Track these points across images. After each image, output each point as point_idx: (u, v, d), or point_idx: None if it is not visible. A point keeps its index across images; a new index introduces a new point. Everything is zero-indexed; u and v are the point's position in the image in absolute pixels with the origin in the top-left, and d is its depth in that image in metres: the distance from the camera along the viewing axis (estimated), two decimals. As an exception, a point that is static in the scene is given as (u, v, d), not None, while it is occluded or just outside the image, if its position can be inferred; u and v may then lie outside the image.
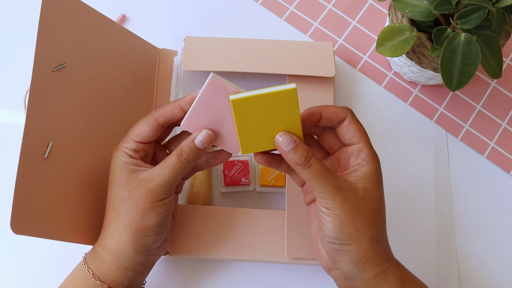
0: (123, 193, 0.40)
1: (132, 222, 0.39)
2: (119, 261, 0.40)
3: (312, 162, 0.37)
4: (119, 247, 0.40)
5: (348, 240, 0.38)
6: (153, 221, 0.40)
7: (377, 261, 0.38)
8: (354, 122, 0.40)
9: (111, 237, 0.40)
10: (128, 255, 0.40)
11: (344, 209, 0.37)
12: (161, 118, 0.41)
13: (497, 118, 0.56)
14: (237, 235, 0.48)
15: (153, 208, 0.40)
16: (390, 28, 0.46)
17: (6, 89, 0.56)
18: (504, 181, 0.54)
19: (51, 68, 0.40)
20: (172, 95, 0.54)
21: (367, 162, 0.39)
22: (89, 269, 0.40)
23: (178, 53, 0.55)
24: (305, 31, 0.59)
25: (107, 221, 0.41)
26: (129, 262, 0.40)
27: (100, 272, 0.40)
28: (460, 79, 0.43)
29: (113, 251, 0.40)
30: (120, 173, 0.40)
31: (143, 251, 0.41)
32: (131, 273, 0.41)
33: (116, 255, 0.40)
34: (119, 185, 0.40)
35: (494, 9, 0.43)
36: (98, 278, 0.40)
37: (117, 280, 0.40)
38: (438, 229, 0.52)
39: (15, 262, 0.50)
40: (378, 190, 0.39)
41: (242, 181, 0.50)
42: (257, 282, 0.50)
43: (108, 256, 0.40)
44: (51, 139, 0.39)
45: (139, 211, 0.39)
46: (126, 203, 0.40)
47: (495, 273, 0.51)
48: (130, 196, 0.40)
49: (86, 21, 0.44)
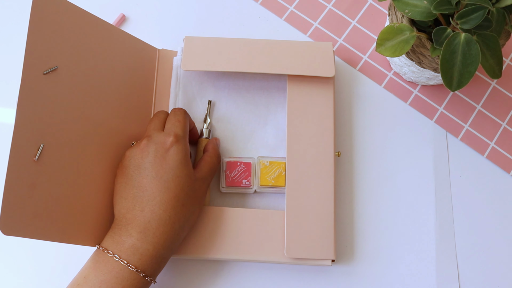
0: (192, 192, 0.44)
1: (192, 220, 0.44)
2: (169, 254, 0.43)
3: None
4: (175, 242, 0.43)
5: None
6: (195, 220, 0.46)
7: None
8: None
9: (176, 234, 0.43)
10: (174, 248, 0.44)
11: None
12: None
13: (497, 118, 0.56)
14: (237, 235, 0.48)
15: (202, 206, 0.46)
16: (390, 28, 0.46)
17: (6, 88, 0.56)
18: (504, 181, 0.54)
19: (42, 71, 0.39)
20: (171, 95, 0.54)
21: None
22: (133, 267, 0.41)
23: (178, 53, 0.55)
24: (305, 31, 0.59)
25: (173, 217, 0.42)
26: (170, 254, 0.44)
27: (141, 264, 0.41)
28: (460, 79, 0.43)
29: (168, 246, 0.42)
30: (188, 168, 0.44)
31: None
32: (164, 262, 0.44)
33: (169, 248, 0.43)
34: (189, 183, 0.43)
35: (494, 9, 0.43)
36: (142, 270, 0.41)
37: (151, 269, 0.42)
38: (438, 229, 0.52)
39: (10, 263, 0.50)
40: None
41: (243, 183, 0.50)
42: (257, 282, 0.50)
43: (164, 251, 0.42)
44: (42, 141, 0.39)
45: (200, 210, 0.45)
46: (195, 202, 0.44)
47: (495, 273, 0.51)
48: (196, 196, 0.44)
49: (78, 23, 0.44)
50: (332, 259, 0.48)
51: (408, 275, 0.50)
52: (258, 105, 0.54)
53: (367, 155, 0.54)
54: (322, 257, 0.47)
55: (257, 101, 0.54)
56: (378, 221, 0.52)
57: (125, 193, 0.43)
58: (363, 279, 0.50)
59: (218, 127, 0.54)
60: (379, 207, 0.53)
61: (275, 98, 0.55)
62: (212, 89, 0.55)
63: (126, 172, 0.44)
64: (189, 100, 0.54)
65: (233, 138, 0.53)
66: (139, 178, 0.43)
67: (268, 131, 0.54)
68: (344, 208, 0.52)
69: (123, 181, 0.44)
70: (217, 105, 0.54)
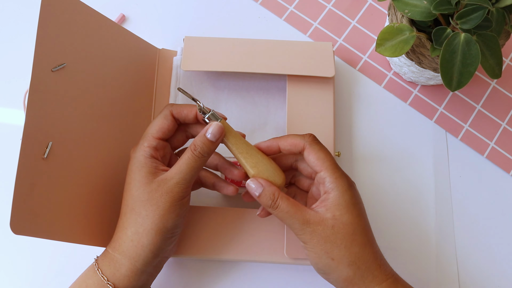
0: (143, 195, 0.40)
1: (153, 224, 0.39)
2: (136, 266, 0.40)
3: (279, 202, 0.39)
4: (137, 251, 0.39)
5: (328, 270, 0.39)
6: (172, 223, 0.40)
7: (364, 285, 0.38)
8: (312, 151, 0.40)
9: (130, 240, 0.40)
10: (146, 259, 0.40)
11: (315, 241, 0.38)
12: (177, 114, 0.42)
13: (497, 118, 0.56)
14: (237, 235, 0.48)
15: (173, 209, 0.40)
16: (389, 28, 0.46)
17: (6, 88, 0.56)
18: (504, 181, 0.54)
19: (51, 68, 0.40)
20: (171, 95, 0.54)
21: (332, 189, 0.39)
22: (103, 275, 0.39)
23: (178, 53, 0.55)
24: (304, 31, 0.59)
25: (125, 223, 0.40)
26: (146, 266, 0.40)
27: (116, 277, 0.39)
28: (460, 79, 0.43)
29: (130, 255, 0.39)
30: (139, 174, 0.40)
31: (159, 254, 0.40)
32: (146, 277, 0.41)
33: (134, 259, 0.39)
34: (138, 187, 0.40)
35: (494, 9, 0.43)
36: (113, 284, 0.39)
37: (132, 285, 0.40)
38: (438, 229, 0.52)
39: (16, 263, 0.50)
40: (349, 214, 0.39)
41: (243, 183, 0.50)
42: (257, 282, 0.50)
43: (125, 260, 0.39)
44: (51, 139, 0.39)
45: (160, 212, 0.39)
46: (147, 205, 0.39)
47: (495, 273, 0.51)
48: (151, 197, 0.39)
49: (85, 21, 0.44)
50: (332, 259, 0.48)
51: (408, 275, 0.50)
52: (258, 105, 0.54)
53: (367, 155, 0.54)
54: (322, 257, 0.47)
55: (257, 101, 0.54)
56: (378, 221, 0.52)
57: None
58: (363, 279, 0.50)
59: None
60: (379, 207, 0.53)
61: (275, 98, 0.55)
62: (212, 89, 0.55)
63: None
64: (189, 100, 0.54)
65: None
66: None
67: (268, 131, 0.54)
68: (344, 208, 0.52)
69: None
70: (217, 105, 0.54)
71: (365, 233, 0.40)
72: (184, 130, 0.45)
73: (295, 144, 0.41)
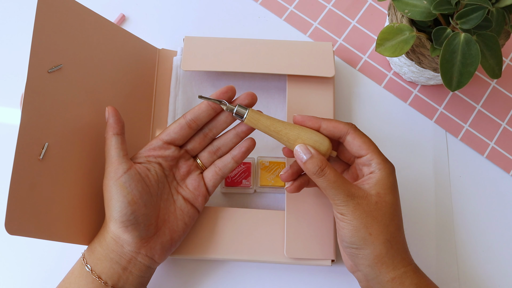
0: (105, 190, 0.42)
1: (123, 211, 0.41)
2: (106, 251, 0.41)
3: (327, 171, 0.40)
4: (103, 237, 0.42)
5: (362, 244, 0.39)
6: (117, 208, 0.40)
7: (393, 265, 0.39)
8: (358, 136, 0.42)
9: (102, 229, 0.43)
10: (109, 245, 0.41)
11: (357, 214, 0.39)
12: (190, 115, 0.44)
13: (497, 118, 0.56)
14: (237, 235, 0.48)
15: (115, 191, 0.40)
16: (389, 28, 0.46)
17: (3, 87, 0.56)
18: (504, 181, 0.54)
19: (47, 69, 0.40)
20: (171, 95, 0.54)
21: (379, 169, 0.40)
22: (87, 264, 0.41)
23: (178, 53, 0.55)
24: (304, 31, 0.59)
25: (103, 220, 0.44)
26: (113, 254, 0.41)
27: (95, 265, 0.41)
28: (459, 79, 0.43)
29: (99, 241, 0.42)
30: (108, 167, 0.42)
31: (122, 244, 0.41)
32: (118, 268, 0.41)
33: (103, 245, 0.42)
34: (104, 183, 0.42)
35: (494, 9, 0.43)
36: (97, 274, 0.41)
37: (106, 272, 0.41)
38: (438, 229, 0.52)
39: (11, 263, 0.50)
40: (392, 195, 0.40)
41: (243, 183, 0.50)
42: (257, 282, 0.50)
43: (98, 246, 0.42)
44: (47, 140, 0.39)
45: (107, 201, 0.41)
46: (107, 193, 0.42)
47: (495, 273, 0.51)
48: (107, 187, 0.41)
49: (82, 22, 0.44)
50: (332, 259, 0.48)
51: (408, 275, 0.50)
52: (258, 105, 0.54)
53: (367, 155, 0.54)
54: (322, 257, 0.47)
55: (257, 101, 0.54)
56: (378, 221, 0.52)
57: None
58: (363, 279, 0.50)
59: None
60: (379, 207, 0.53)
61: (275, 98, 0.55)
62: (212, 89, 0.55)
63: None
64: (189, 100, 0.54)
65: (233, 138, 0.53)
66: None
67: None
68: (344, 208, 0.52)
69: None
70: (217, 105, 0.54)
71: (401, 217, 0.41)
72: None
73: (339, 128, 0.42)
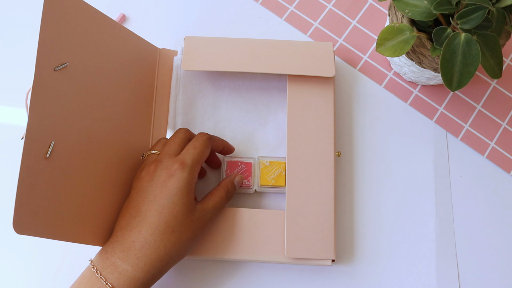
0: (185, 220, 0.42)
1: (181, 249, 0.43)
2: (136, 275, 0.41)
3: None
4: (146, 260, 0.41)
5: None
6: (191, 249, 0.45)
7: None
8: None
9: (144, 247, 0.41)
10: (149, 272, 0.41)
11: None
12: (214, 146, 0.48)
13: (497, 118, 0.56)
14: (237, 235, 0.48)
15: (199, 237, 0.45)
16: (390, 28, 0.46)
17: (8, 87, 0.56)
18: (504, 181, 0.54)
19: (53, 67, 0.40)
20: (172, 95, 0.54)
21: None
22: (107, 283, 0.40)
23: (178, 53, 0.55)
24: (305, 31, 0.59)
25: (151, 241, 0.41)
26: (146, 277, 0.41)
27: (118, 283, 0.40)
28: (460, 79, 0.43)
29: (137, 263, 0.41)
30: (187, 198, 0.43)
31: (160, 276, 0.43)
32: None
33: (138, 266, 0.41)
34: (183, 211, 0.43)
35: (494, 9, 0.43)
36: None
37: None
38: (438, 229, 0.52)
39: (19, 262, 0.50)
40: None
41: (243, 183, 0.50)
42: (257, 282, 0.50)
43: (129, 267, 0.40)
44: (53, 139, 0.39)
45: (193, 241, 0.44)
46: (187, 230, 0.43)
47: (495, 273, 0.51)
48: (192, 226, 0.43)
49: (88, 20, 0.44)
50: (332, 259, 0.48)
51: (408, 275, 0.50)
52: (258, 105, 0.54)
53: (367, 155, 0.54)
54: (322, 257, 0.47)
55: (257, 101, 0.54)
56: (378, 221, 0.52)
57: (124, 212, 0.44)
58: (363, 279, 0.50)
59: (218, 128, 0.54)
60: (379, 207, 0.53)
61: (275, 98, 0.55)
62: (212, 89, 0.55)
63: (131, 193, 0.45)
64: (189, 100, 0.54)
65: (233, 138, 0.53)
66: (139, 200, 0.43)
67: (268, 131, 0.54)
68: (344, 208, 0.52)
69: (127, 201, 0.45)
70: (217, 105, 0.54)
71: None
72: None
73: None
